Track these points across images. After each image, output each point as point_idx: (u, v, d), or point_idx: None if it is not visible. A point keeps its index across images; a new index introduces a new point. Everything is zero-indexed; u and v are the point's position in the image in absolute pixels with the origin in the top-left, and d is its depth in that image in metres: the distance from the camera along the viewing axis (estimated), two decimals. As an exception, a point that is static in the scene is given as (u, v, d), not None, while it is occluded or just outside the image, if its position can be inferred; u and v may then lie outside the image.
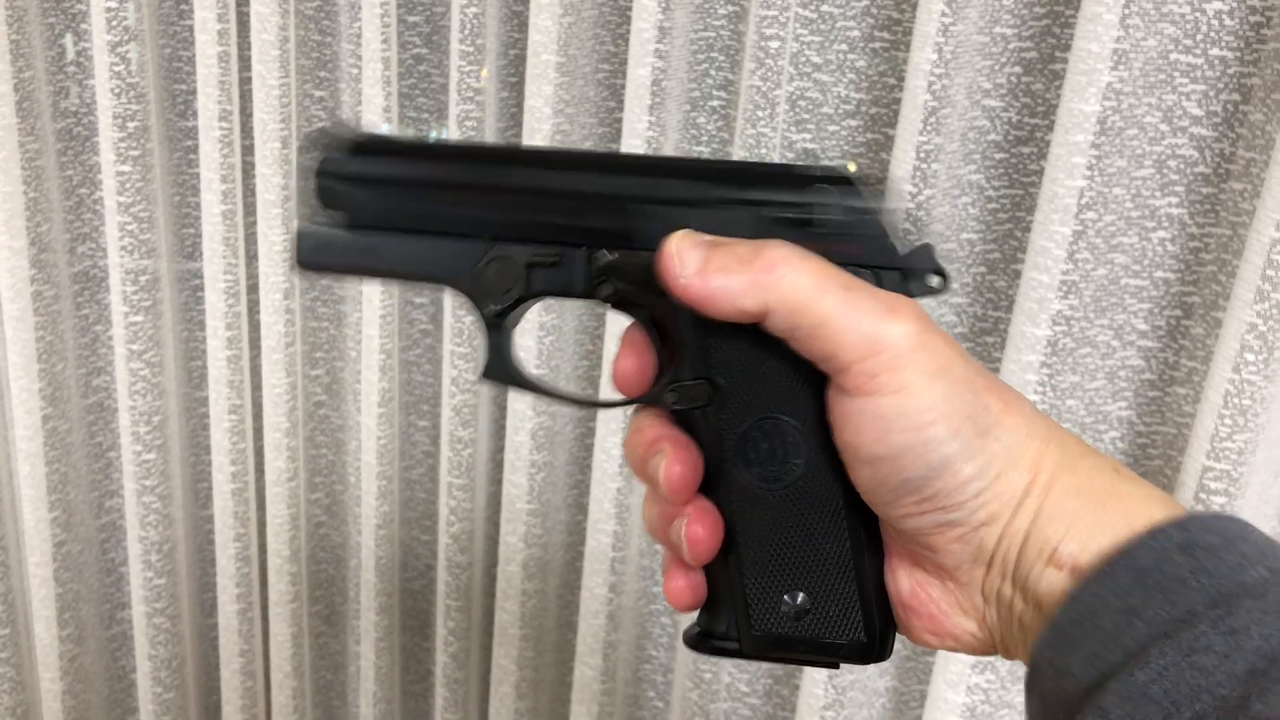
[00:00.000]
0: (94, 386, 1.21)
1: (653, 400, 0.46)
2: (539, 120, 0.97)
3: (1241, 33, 0.78)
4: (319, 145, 0.47)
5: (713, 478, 0.45)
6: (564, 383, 1.07)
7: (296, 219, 0.49)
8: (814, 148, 0.93)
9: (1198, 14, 0.78)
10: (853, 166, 0.95)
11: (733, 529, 0.45)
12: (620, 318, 0.48)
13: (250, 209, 1.12)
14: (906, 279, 0.44)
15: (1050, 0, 0.85)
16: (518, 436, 1.07)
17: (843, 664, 0.46)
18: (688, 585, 0.46)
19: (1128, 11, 0.76)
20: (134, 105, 1.07)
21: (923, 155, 0.84)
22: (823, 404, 0.42)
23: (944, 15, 0.80)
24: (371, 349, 1.10)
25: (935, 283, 0.44)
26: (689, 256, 0.41)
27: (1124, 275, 0.84)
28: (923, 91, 0.82)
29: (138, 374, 1.15)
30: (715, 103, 0.96)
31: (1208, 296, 0.84)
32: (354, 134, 0.48)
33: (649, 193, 0.45)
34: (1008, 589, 0.41)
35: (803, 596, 0.45)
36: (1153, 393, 0.88)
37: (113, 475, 1.24)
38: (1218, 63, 0.79)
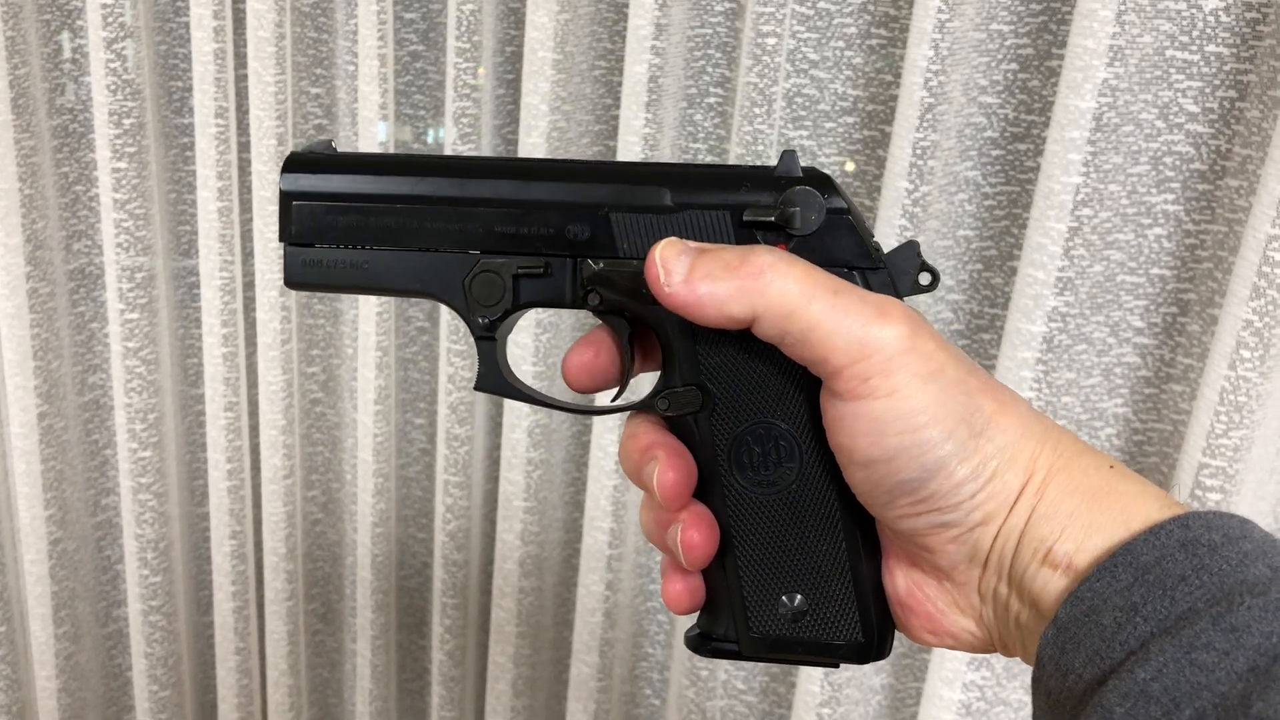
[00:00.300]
0: (90, 384, 1.21)
1: (645, 407, 0.46)
2: (535, 117, 0.96)
3: (1238, 29, 0.78)
4: (292, 167, 0.47)
5: (707, 483, 0.45)
6: (560, 382, 1.07)
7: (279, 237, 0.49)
8: (811, 145, 0.93)
9: (1194, 10, 0.78)
10: (850, 164, 0.95)
11: (729, 533, 0.45)
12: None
13: (246, 206, 1.12)
14: (895, 279, 0.44)
15: (1047, -3, 0.85)
16: (514, 434, 1.07)
17: (841, 664, 0.46)
18: (686, 588, 0.46)
19: (1124, 8, 0.76)
20: (130, 102, 1.07)
21: (919, 152, 0.84)
22: (816, 407, 0.42)
23: (940, 12, 0.80)
24: (368, 346, 1.09)
25: (925, 280, 0.44)
26: (675, 264, 0.41)
27: (1120, 272, 0.84)
28: (919, 88, 0.82)
29: (133, 371, 1.14)
30: (712, 100, 0.96)
31: (1204, 293, 0.84)
32: (325, 152, 0.47)
33: (630, 201, 0.44)
34: (1004, 588, 0.40)
35: (800, 598, 0.45)
36: (1149, 389, 0.88)
37: (108, 472, 1.24)
38: (1214, 59, 0.79)
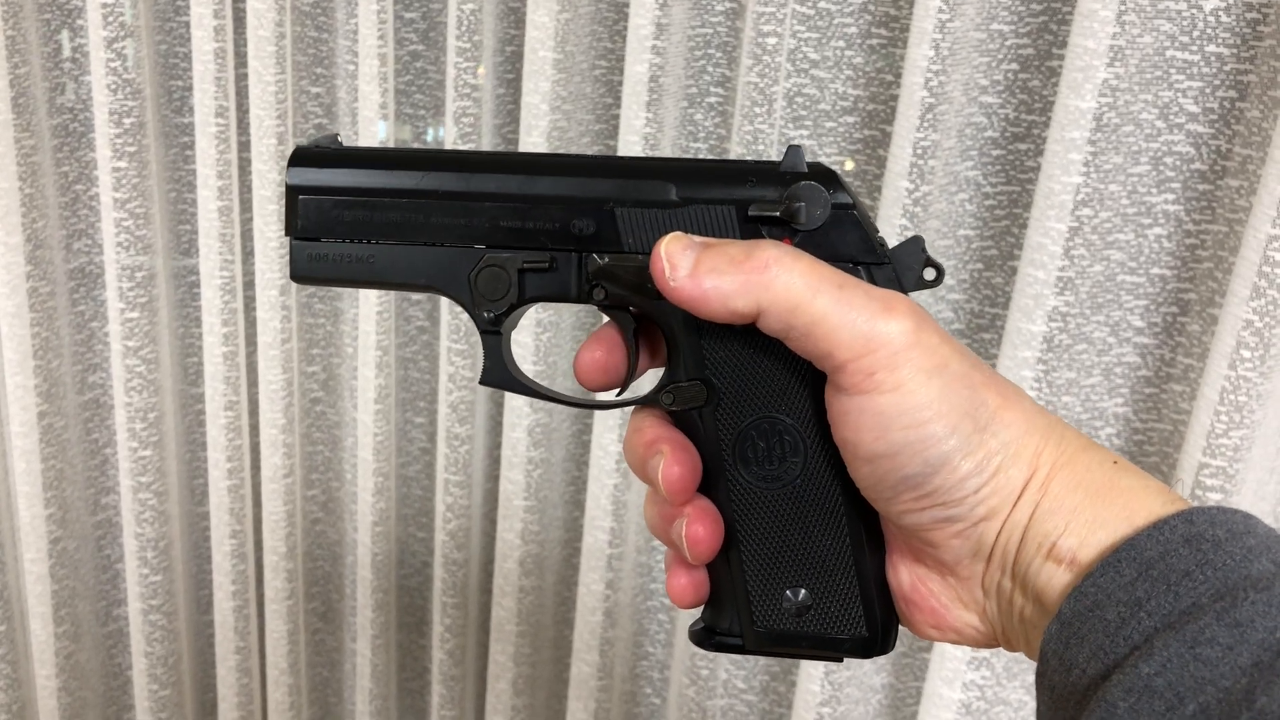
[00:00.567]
0: (90, 383, 1.21)
1: (649, 401, 0.46)
2: (536, 117, 0.96)
3: (1238, 29, 0.78)
4: (298, 161, 0.47)
5: (712, 477, 0.45)
6: (561, 380, 1.07)
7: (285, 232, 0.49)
8: (811, 144, 0.93)
9: (1194, 10, 0.78)
10: (850, 164, 0.95)
11: (733, 527, 0.45)
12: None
13: (246, 205, 1.12)
14: (900, 274, 0.44)
15: (1047, -3, 0.85)
16: (515, 433, 1.07)
17: (845, 658, 0.46)
18: (690, 583, 0.46)
19: (1124, 8, 0.76)
20: (130, 101, 1.07)
21: (920, 152, 0.84)
22: (820, 402, 0.42)
23: (941, 12, 0.80)
24: (368, 345, 1.09)
25: (930, 276, 0.44)
26: (680, 259, 0.41)
27: (1120, 272, 0.85)
28: (920, 88, 0.82)
29: (134, 370, 1.14)
30: (713, 99, 0.96)
31: (1204, 293, 0.84)
32: (330, 147, 0.47)
33: (635, 195, 0.45)
34: (1007, 583, 0.41)
35: (804, 593, 0.45)
36: (1149, 389, 0.88)
37: (108, 472, 1.24)
38: (1214, 59, 0.79)
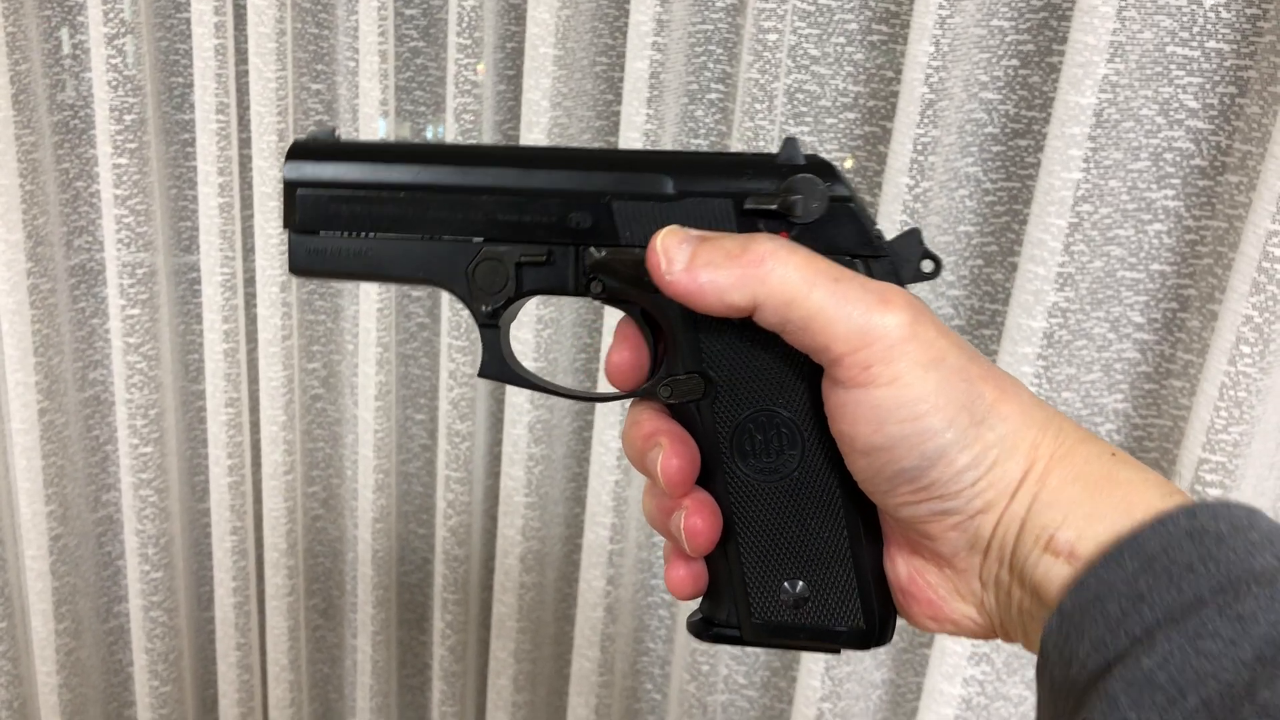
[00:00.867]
0: (90, 380, 1.21)
1: (647, 394, 0.46)
2: (537, 113, 0.97)
3: (1238, 25, 0.78)
4: (296, 155, 0.47)
5: (710, 470, 0.45)
6: (561, 376, 1.07)
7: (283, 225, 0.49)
8: (812, 140, 0.93)
9: (1194, 7, 0.78)
10: (850, 161, 0.95)
11: (731, 520, 0.45)
12: (618, 311, 0.48)
13: (247, 202, 1.12)
14: (897, 266, 0.44)
15: (1047, -7, 0.85)
16: (515, 430, 1.07)
17: (844, 650, 0.46)
18: (689, 574, 0.47)
19: (1124, 4, 0.76)
20: (131, 98, 1.07)
21: (920, 148, 0.84)
22: (818, 395, 0.42)
23: (941, 8, 0.80)
24: (368, 342, 1.09)
25: (928, 268, 0.44)
26: (676, 253, 0.41)
27: (1120, 268, 0.85)
28: (920, 84, 0.82)
29: (134, 367, 1.14)
30: (713, 96, 0.96)
31: (1204, 289, 0.84)
32: (328, 140, 0.47)
33: (631, 189, 0.45)
34: (1005, 575, 0.41)
35: (802, 585, 0.45)
36: (1149, 385, 0.88)
37: (109, 469, 1.24)
38: (1214, 55, 0.79)
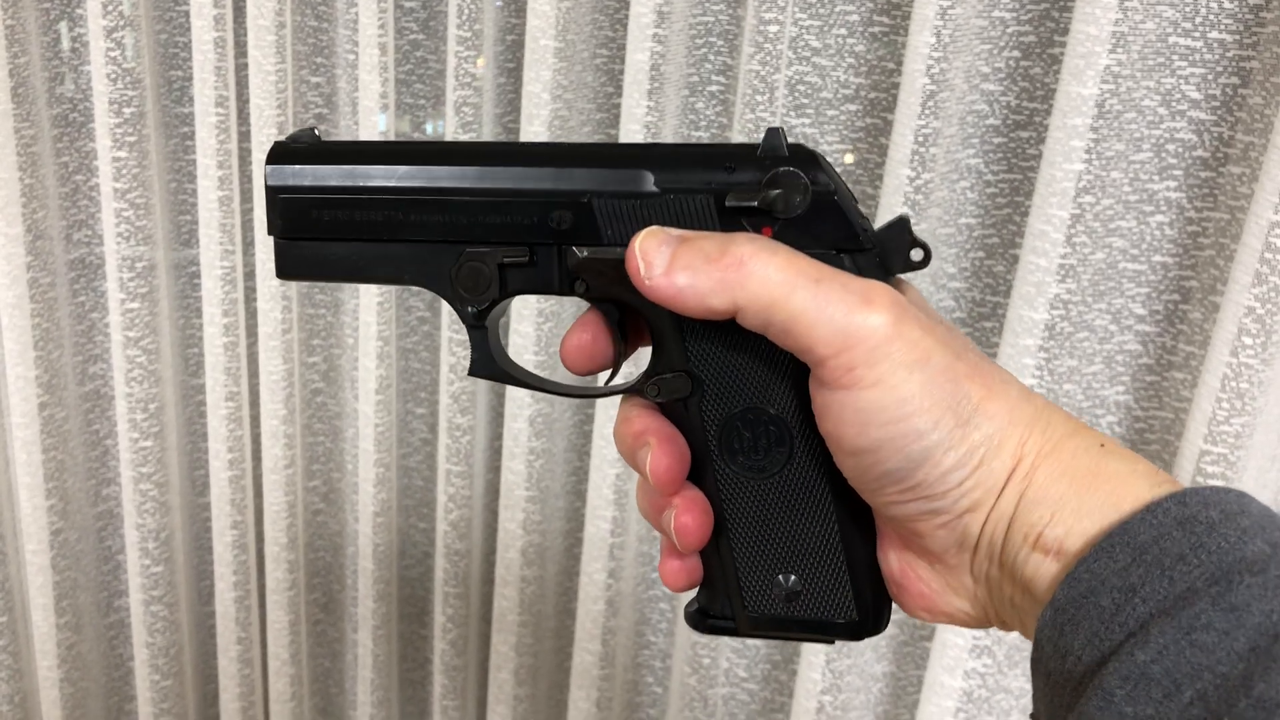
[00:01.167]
0: (90, 374, 1.20)
1: (634, 391, 0.46)
2: (537, 106, 0.96)
3: (1241, 16, 0.78)
4: (277, 158, 0.46)
5: (700, 467, 0.45)
6: (562, 370, 1.07)
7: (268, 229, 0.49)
8: (813, 132, 0.93)
9: (1197, -3, 0.78)
10: (850, 157, 0.95)
11: (722, 516, 0.45)
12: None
13: (247, 195, 1.12)
14: (886, 257, 0.43)
15: (1049, -16, 0.85)
16: (516, 423, 1.07)
17: (837, 640, 0.46)
18: (682, 567, 0.47)
19: (1127, -5, 0.76)
20: (130, 91, 1.07)
21: (921, 139, 0.84)
22: (806, 393, 0.42)
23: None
24: (369, 336, 1.09)
25: (918, 256, 0.43)
26: (655, 256, 0.41)
27: (1122, 259, 0.84)
28: (921, 75, 0.82)
29: (134, 361, 1.14)
30: (714, 88, 0.96)
31: (1206, 281, 0.84)
32: (309, 142, 0.47)
33: (612, 187, 0.44)
34: (995, 572, 0.41)
35: (794, 579, 0.45)
36: (1150, 377, 0.88)
37: (109, 463, 1.24)
38: (1216, 46, 0.79)
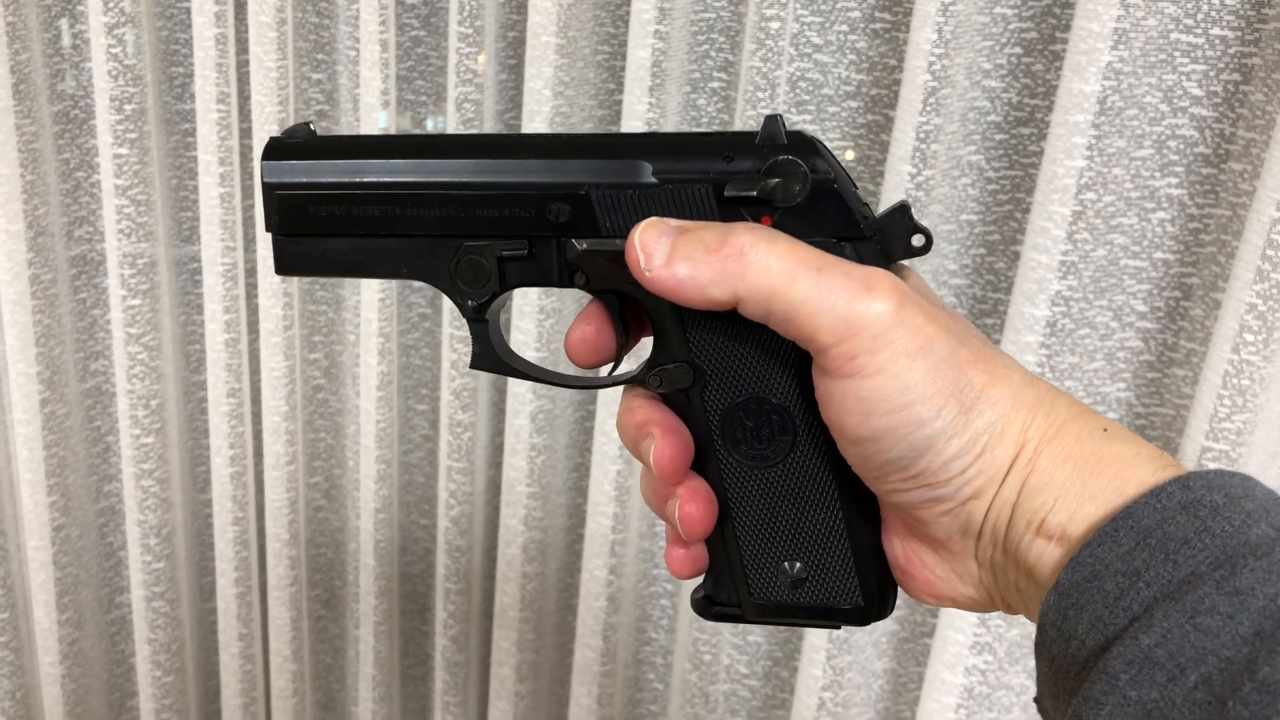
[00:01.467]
0: (92, 370, 1.21)
1: (637, 382, 0.46)
2: (538, 102, 0.96)
3: (1242, 12, 0.78)
4: (273, 154, 0.46)
5: (703, 456, 0.45)
6: (564, 364, 1.07)
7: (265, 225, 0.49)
8: (814, 129, 0.93)
9: (1198, -6, 0.78)
10: (851, 153, 0.95)
11: (726, 504, 0.45)
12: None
13: (248, 192, 1.12)
14: (887, 244, 0.42)
15: (1051, -19, 0.84)
16: (517, 420, 1.07)
17: (844, 626, 0.46)
18: (688, 555, 0.47)
19: (1128, -9, 0.76)
20: (131, 88, 1.07)
21: (922, 136, 0.84)
22: (808, 381, 0.42)
23: (944, -5, 0.80)
24: (370, 333, 1.09)
25: (919, 242, 0.42)
26: (654, 248, 0.41)
27: (1123, 256, 0.84)
28: (923, 72, 0.82)
29: (136, 358, 1.14)
30: (715, 84, 0.96)
31: (1207, 277, 0.84)
32: (304, 138, 0.47)
33: (610, 178, 0.44)
34: (1000, 558, 0.41)
35: (800, 566, 0.45)
36: (1151, 374, 0.88)
37: (111, 459, 1.24)
38: (1218, 42, 0.79)
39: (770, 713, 1.09)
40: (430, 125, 1.11)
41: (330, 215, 0.46)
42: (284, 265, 0.47)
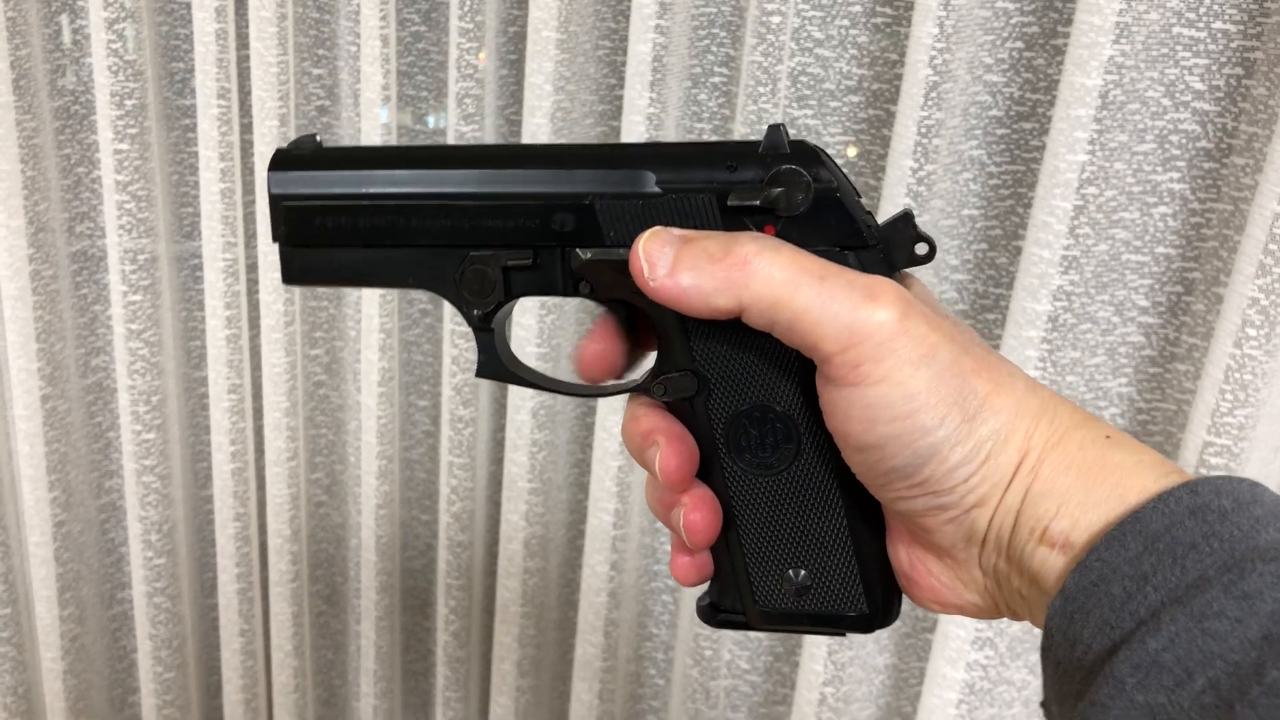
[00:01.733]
0: (93, 366, 1.20)
1: (642, 390, 0.46)
2: (539, 98, 0.96)
3: (1245, 6, 0.78)
4: (279, 166, 0.46)
5: (708, 464, 0.45)
6: (564, 362, 1.07)
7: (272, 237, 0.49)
8: (815, 124, 0.93)
9: (1201, -12, 0.78)
10: (852, 150, 0.94)
11: (731, 513, 0.45)
12: None
13: (249, 188, 1.12)
14: (890, 252, 0.42)
15: (1052, -25, 0.84)
16: (519, 415, 1.07)
17: (849, 633, 0.46)
18: (692, 563, 0.47)
19: (1131, -15, 0.76)
20: (131, 83, 1.07)
21: (924, 131, 0.84)
22: (812, 390, 0.42)
23: (946, -11, 0.80)
24: (371, 328, 1.09)
25: (922, 251, 0.43)
26: (658, 257, 0.41)
27: (1125, 251, 0.84)
28: (924, 66, 0.82)
29: (136, 354, 1.14)
30: (716, 79, 0.96)
31: (1209, 272, 0.84)
32: (310, 150, 0.47)
33: (613, 188, 0.44)
34: (1004, 565, 0.41)
35: (804, 574, 0.45)
36: (1153, 369, 0.88)
37: (112, 455, 1.24)
38: (1220, 36, 0.79)
39: (772, 708, 1.09)
40: (431, 121, 1.11)
41: (336, 226, 0.46)
42: (291, 275, 0.47)
